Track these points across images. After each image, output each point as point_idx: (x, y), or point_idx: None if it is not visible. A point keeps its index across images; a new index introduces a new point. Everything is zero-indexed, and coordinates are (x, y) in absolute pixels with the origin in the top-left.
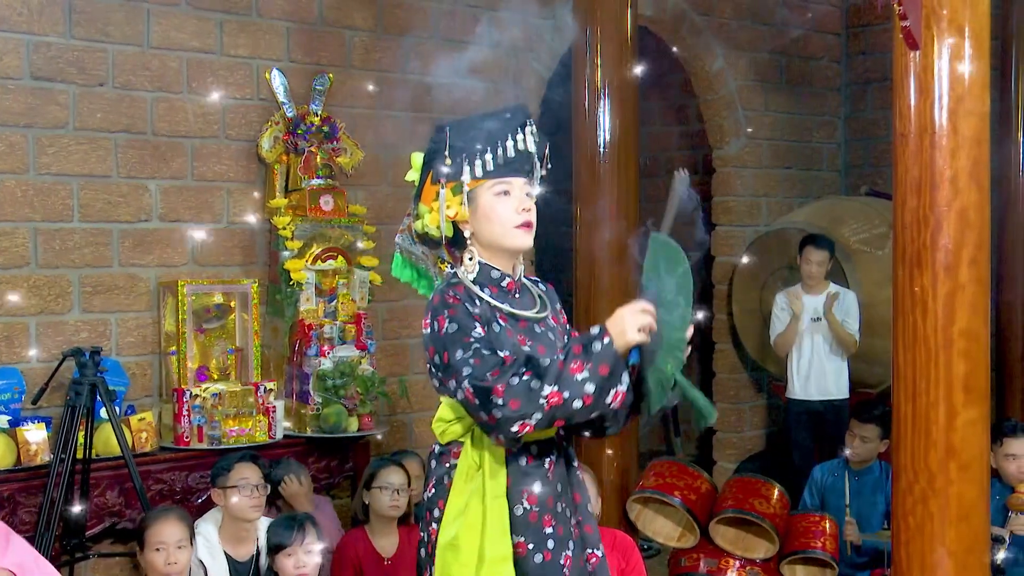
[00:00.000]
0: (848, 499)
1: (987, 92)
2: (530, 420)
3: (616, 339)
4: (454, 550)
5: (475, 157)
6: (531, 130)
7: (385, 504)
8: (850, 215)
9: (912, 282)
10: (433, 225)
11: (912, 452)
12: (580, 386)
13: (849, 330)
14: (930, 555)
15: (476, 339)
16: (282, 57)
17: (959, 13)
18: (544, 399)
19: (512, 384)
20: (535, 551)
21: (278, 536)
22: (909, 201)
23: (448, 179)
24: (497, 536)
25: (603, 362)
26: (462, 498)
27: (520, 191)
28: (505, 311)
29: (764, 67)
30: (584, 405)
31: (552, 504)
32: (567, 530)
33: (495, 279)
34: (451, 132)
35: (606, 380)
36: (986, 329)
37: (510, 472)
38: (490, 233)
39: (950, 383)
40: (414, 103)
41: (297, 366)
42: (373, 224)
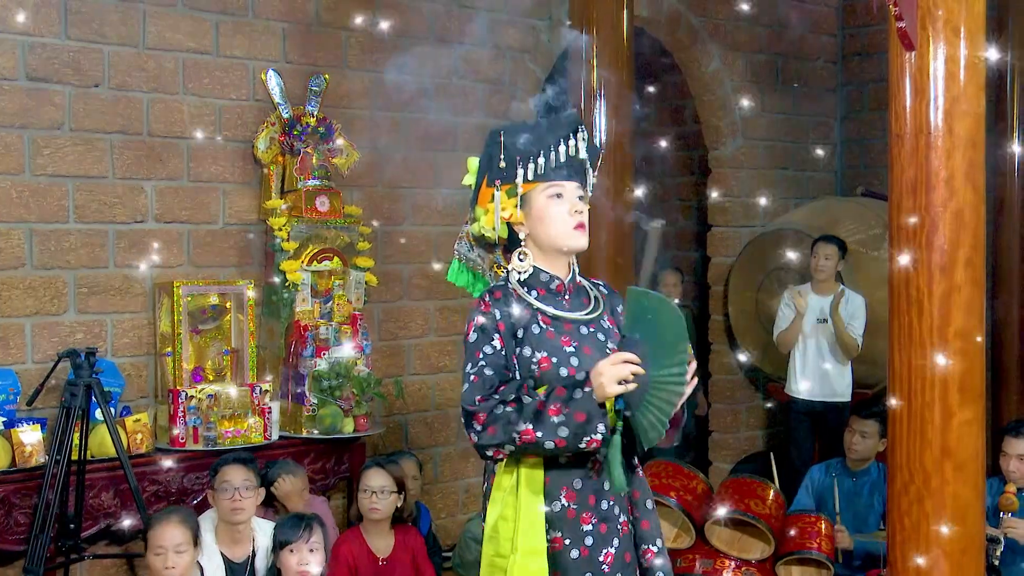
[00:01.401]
0: (838, 505)
1: (982, 93)
2: (503, 449)
3: (596, 389)
4: (494, 541)
5: (529, 160)
6: (583, 136)
7: (365, 507)
8: (846, 216)
9: (908, 283)
10: (489, 227)
11: (907, 452)
12: (555, 428)
13: (853, 333)
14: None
15: (485, 355)
16: (278, 58)
17: (954, 14)
18: (518, 434)
19: (495, 413)
20: (571, 547)
21: (284, 533)
22: (905, 202)
23: (503, 181)
24: (529, 529)
25: (579, 410)
26: (501, 492)
27: (572, 194)
28: (549, 313)
29: (760, 68)
30: (556, 446)
31: (594, 502)
32: (612, 527)
33: (544, 282)
34: (506, 136)
35: (580, 427)
36: (981, 330)
37: (549, 469)
38: (544, 234)
39: (945, 384)
40: (410, 104)
41: (293, 367)
42: (369, 225)
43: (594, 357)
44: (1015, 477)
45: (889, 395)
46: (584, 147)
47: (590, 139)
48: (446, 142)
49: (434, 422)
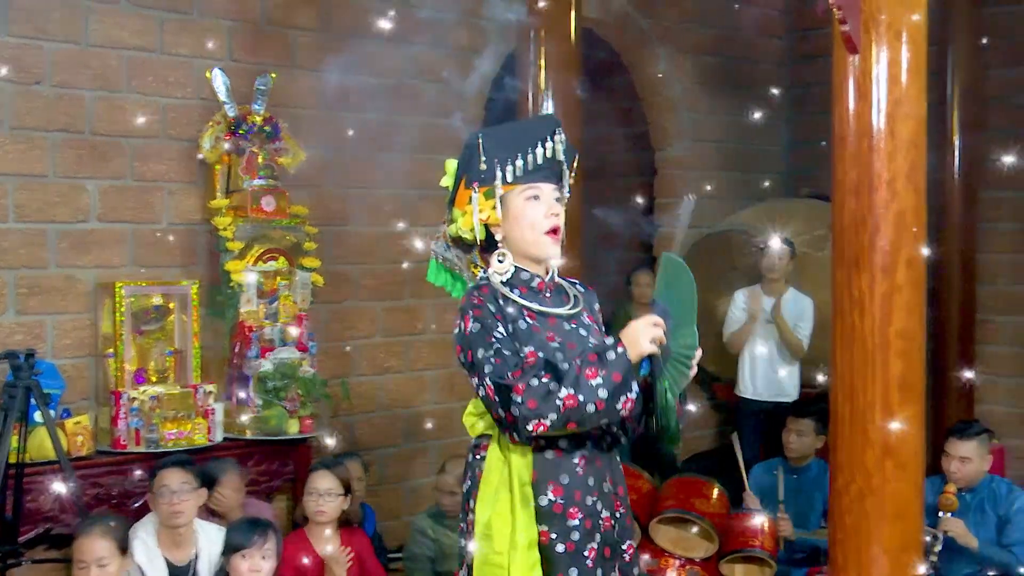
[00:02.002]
0: (783, 495)
1: (924, 96)
2: (545, 420)
3: (629, 349)
4: (487, 538)
5: (507, 163)
6: (560, 138)
7: (311, 509)
8: (791, 217)
9: (851, 283)
10: (467, 228)
11: (849, 451)
12: (594, 391)
13: (800, 335)
14: (866, 553)
15: (498, 339)
16: (224, 56)
17: (897, 18)
18: (560, 401)
19: (532, 385)
20: (558, 541)
21: (238, 538)
22: (848, 203)
23: (481, 183)
24: (526, 523)
25: (616, 370)
26: (491, 488)
27: (549, 196)
28: (534, 309)
29: (708, 70)
30: (596, 410)
31: (580, 497)
32: (596, 523)
33: (525, 280)
34: (484, 139)
35: (618, 387)
36: (922, 330)
37: (536, 464)
38: (520, 238)
39: (887, 383)
40: (357, 104)
41: (237, 368)
42: (316, 225)
43: (577, 352)
44: (956, 478)
45: (832, 394)
46: (562, 149)
47: (567, 141)
48: (394, 142)
49: (380, 423)
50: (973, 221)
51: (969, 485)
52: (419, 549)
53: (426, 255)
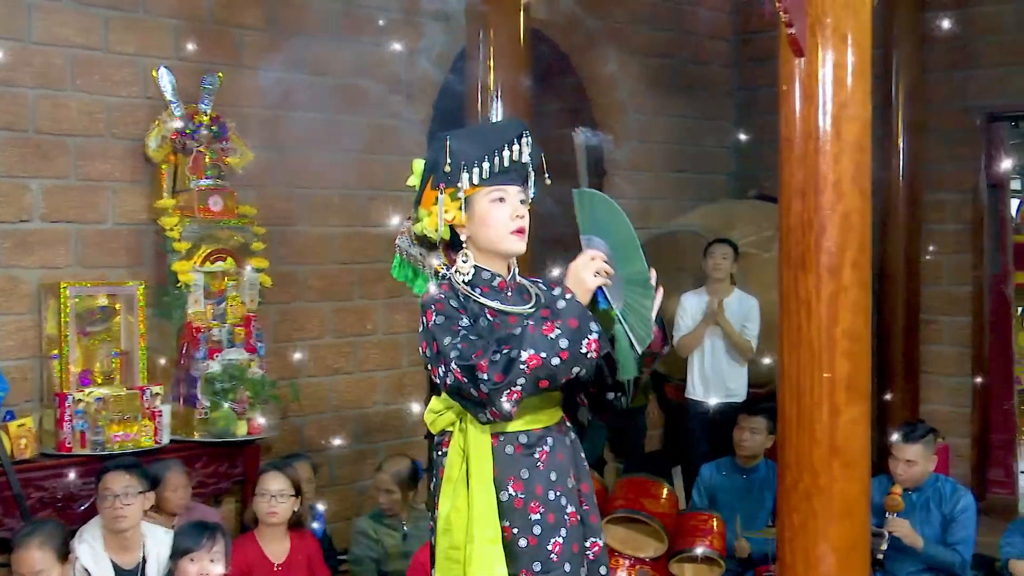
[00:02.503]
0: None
1: (869, 99)
2: (516, 387)
3: (576, 291)
4: (447, 533)
5: (473, 165)
6: (526, 141)
7: (263, 511)
8: (739, 218)
9: (797, 284)
10: (432, 228)
11: (797, 450)
12: (554, 343)
13: (748, 335)
14: (814, 551)
15: (463, 327)
16: (170, 55)
17: (842, 22)
18: (524, 364)
19: (494, 359)
20: (520, 536)
21: (186, 541)
22: (794, 205)
23: (447, 185)
24: (484, 519)
25: (570, 316)
26: (451, 484)
27: (514, 198)
28: (495, 308)
29: (656, 71)
30: (562, 360)
31: (541, 492)
32: (560, 518)
33: (486, 280)
34: (451, 141)
35: (576, 332)
36: (867, 330)
37: (496, 460)
38: (486, 238)
39: (833, 383)
40: (306, 103)
41: (185, 369)
42: (263, 225)
43: None
44: (902, 479)
45: (779, 394)
46: (527, 152)
47: (533, 144)
48: (342, 142)
49: (330, 424)
50: (917, 222)
51: (915, 485)
52: (361, 551)
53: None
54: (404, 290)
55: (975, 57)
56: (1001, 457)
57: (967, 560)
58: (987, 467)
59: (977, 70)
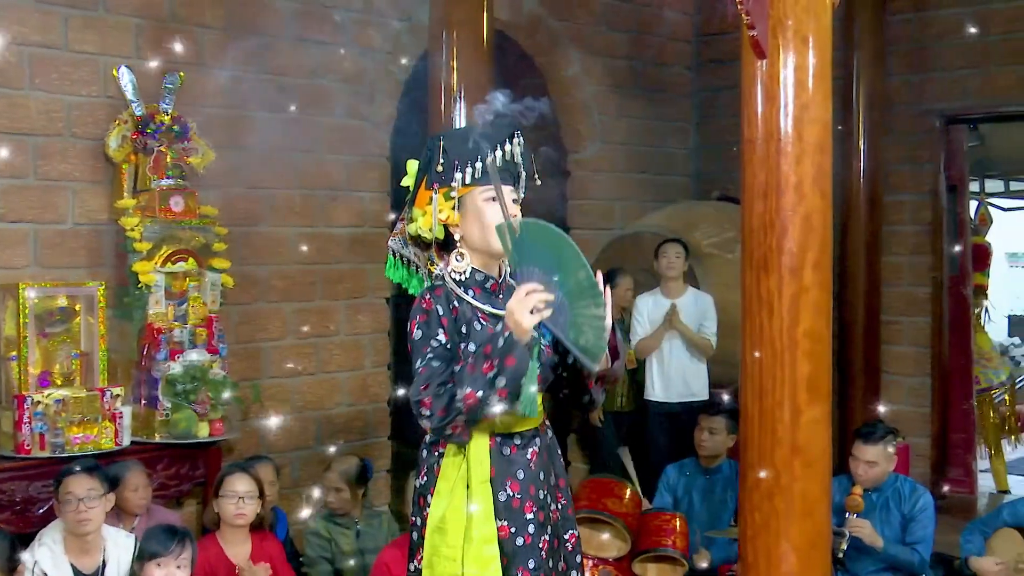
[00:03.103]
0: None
1: (829, 101)
2: (456, 421)
3: (514, 331)
4: (441, 532)
5: (466, 164)
6: (518, 142)
7: (230, 513)
8: (702, 219)
9: (759, 285)
10: (426, 228)
11: (759, 450)
12: (492, 382)
13: (706, 333)
14: (775, 550)
15: (432, 348)
16: (131, 54)
17: (804, 24)
18: (461, 402)
19: (438, 394)
20: (516, 534)
21: (154, 545)
22: (756, 206)
23: (441, 184)
24: (482, 519)
25: (508, 354)
26: (448, 483)
27: (508, 197)
28: (487, 311)
29: (618, 73)
30: (501, 398)
31: (534, 492)
32: (547, 516)
33: (479, 281)
34: (444, 141)
35: (515, 369)
36: (828, 330)
37: (493, 461)
38: (479, 237)
39: (795, 383)
40: (268, 103)
41: (146, 371)
42: (225, 226)
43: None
44: (863, 480)
45: (741, 394)
46: (519, 152)
47: (524, 145)
48: (305, 142)
49: (293, 426)
50: (877, 224)
51: (875, 485)
52: (314, 551)
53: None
54: (366, 290)
55: (934, 60)
56: (960, 456)
57: (926, 559)
58: (946, 466)
59: (936, 73)
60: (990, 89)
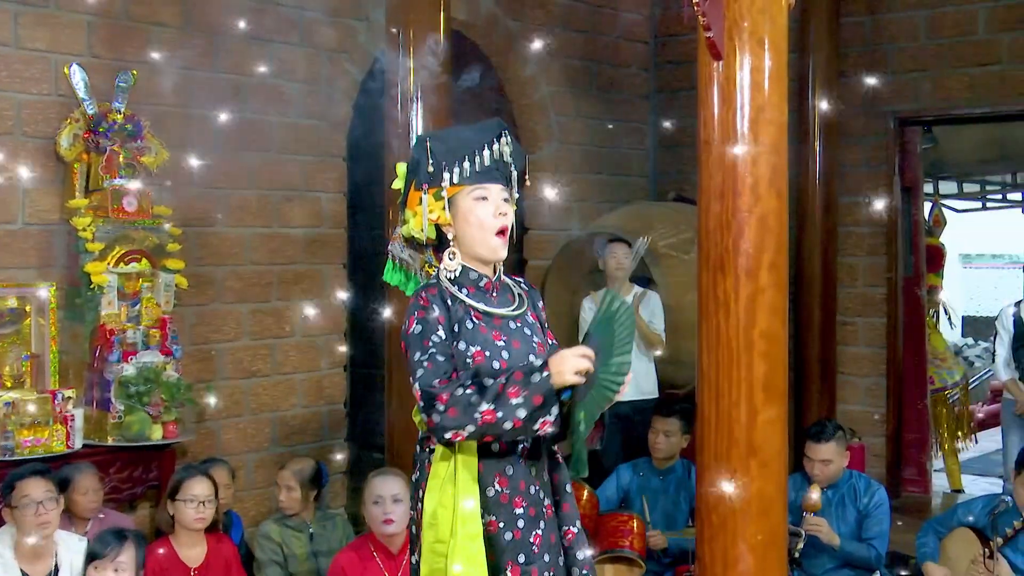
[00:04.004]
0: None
1: (785, 103)
2: (463, 431)
3: (554, 376)
4: (433, 528)
5: (454, 164)
6: (507, 140)
7: (190, 517)
8: (658, 220)
9: (716, 286)
10: (417, 228)
11: (716, 450)
12: (513, 410)
13: (655, 329)
14: (732, 550)
15: (434, 343)
16: (83, 52)
17: (759, 26)
18: (479, 415)
19: (456, 395)
20: (505, 529)
21: (95, 546)
22: (713, 207)
23: (430, 185)
24: (469, 515)
25: (538, 393)
26: (437, 480)
27: (497, 196)
28: (480, 310)
29: (575, 73)
30: (513, 427)
31: (524, 487)
32: (539, 511)
33: (473, 280)
34: (432, 141)
35: (537, 409)
36: (784, 331)
37: (482, 457)
38: (470, 237)
39: (751, 383)
40: (223, 102)
41: (98, 373)
42: (179, 226)
43: (522, 351)
44: (820, 479)
45: (698, 395)
46: (508, 151)
47: (515, 143)
48: (260, 142)
49: (247, 428)
50: (832, 225)
51: (830, 482)
52: (266, 555)
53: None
54: (322, 291)
55: (888, 63)
56: (915, 456)
57: (882, 554)
58: (901, 466)
59: (890, 76)
60: (943, 92)
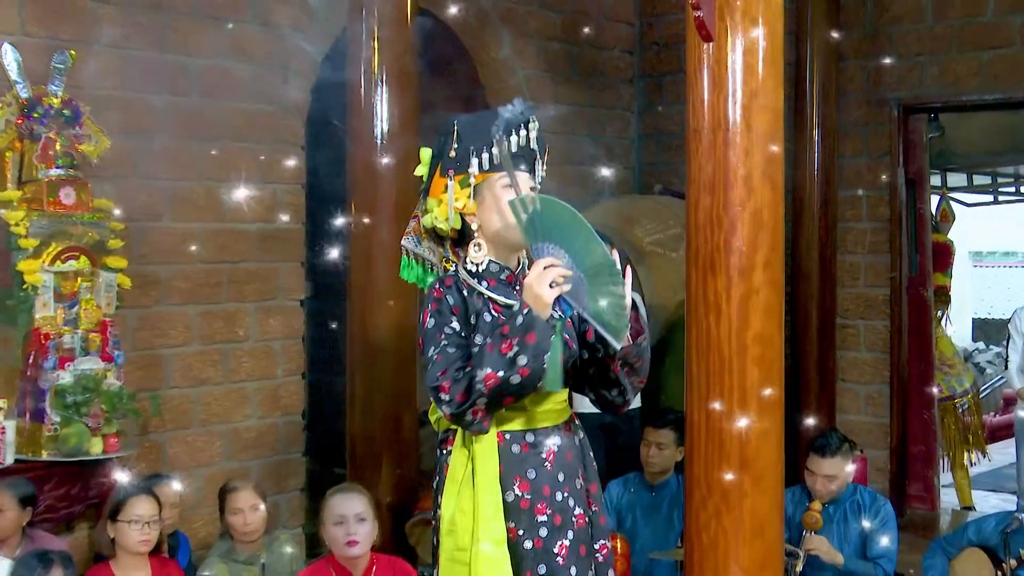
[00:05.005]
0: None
1: (781, 88)
2: (478, 405)
3: (533, 305)
4: (451, 535)
5: (483, 150)
6: (533, 126)
7: (134, 539)
8: (644, 215)
9: (706, 286)
10: (442, 218)
11: (705, 464)
12: (513, 360)
13: None
14: (724, 573)
15: (447, 335)
16: (15, 31)
17: (753, 5)
18: (481, 383)
19: (456, 379)
20: (525, 537)
21: (17, 570)
22: (702, 201)
23: (456, 171)
24: (489, 519)
25: (528, 331)
26: (455, 484)
27: (524, 185)
28: (500, 302)
29: (554, 56)
30: (523, 377)
31: (549, 493)
32: (567, 519)
33: (494, 272)
34: (459, 126)
35: (536, 347)
36: (780, 335)
37: (502, 459)
38: (497, 226)
39: (744, 391)
40: (169, 85)
41: (32, 381)
42: (122, 220)
43: None
44: (822, 495)
45: (687, 403)
46: (535, 138)
47: (539, 131)
48: (211, 129)
49: (196, 442)
50: (832, 220)
51: (833, 498)
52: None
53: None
54: (278, 292)
55: (892, 45)
56: (921, 470)
57: (890, 574)
58: (907, 481)
59: (893, 60)
60: (951, 76)
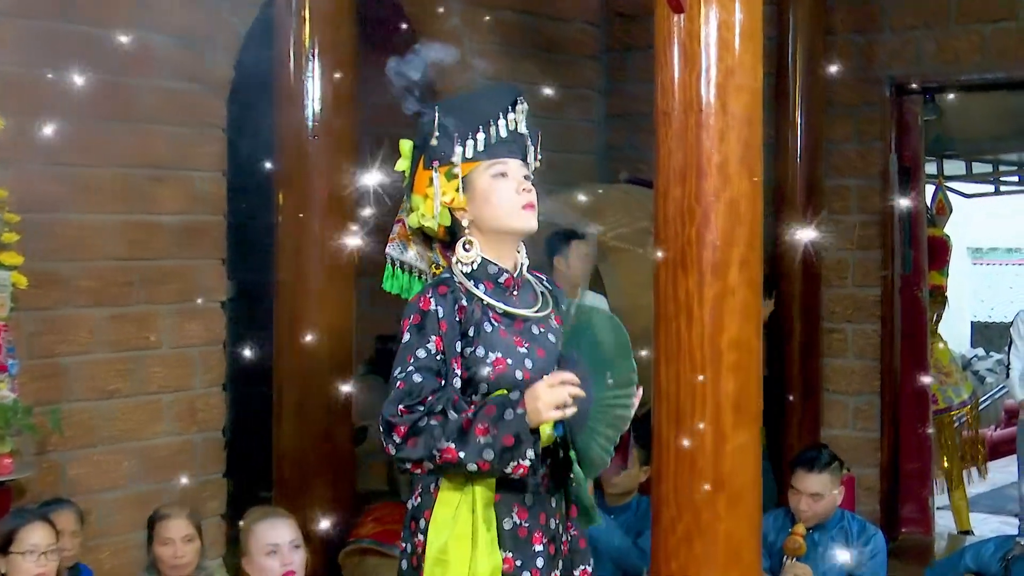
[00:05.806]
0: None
1: (760, 65)
2: (423, 465)
3: (528, 411)
4: (443, 564)
5: (466, 136)
6: (522, 108)
7: (28, 572)
8: (608, 206)
9: (676, 285)
10: (429, 215)
11: (675, 483)
12: (479, 450)
13: None
14: None
15: (417, 359)
16: None
17: None
18: (438, 452)
19: (418, 425)
20: (523, 568)
21: None
22: (672, 190)
23: (440, 161)
24: (489, 548)
25: (508, 432)
26: (450, 509)
27: (517, 172)
28: (499, 310)
29: (508, 28)
30: (480, 469)
31: (544, 520)
32: (557, 548)
33: (492, 274)
34: (440, 112)
35: (508, 451)
36: (758, 340)
37: (499, 483)
38: (492, 217)
39: (718, 402)
40: (75, 60)
41: None
42: (18, 212)
43: (547, 361)
44: (806, 516)
45: (654, 416)
46: (524, 122)
47: (529, 114)
48: (121, 109)
49: (103, 461)
50: (817, 213)
51: (819, 522)
52: None
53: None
54: (197, 292)
55: (884, 18)
56: (914, 490)
57: None
58: (899, 502)
59: (886, 34)
60: (949, 53)
